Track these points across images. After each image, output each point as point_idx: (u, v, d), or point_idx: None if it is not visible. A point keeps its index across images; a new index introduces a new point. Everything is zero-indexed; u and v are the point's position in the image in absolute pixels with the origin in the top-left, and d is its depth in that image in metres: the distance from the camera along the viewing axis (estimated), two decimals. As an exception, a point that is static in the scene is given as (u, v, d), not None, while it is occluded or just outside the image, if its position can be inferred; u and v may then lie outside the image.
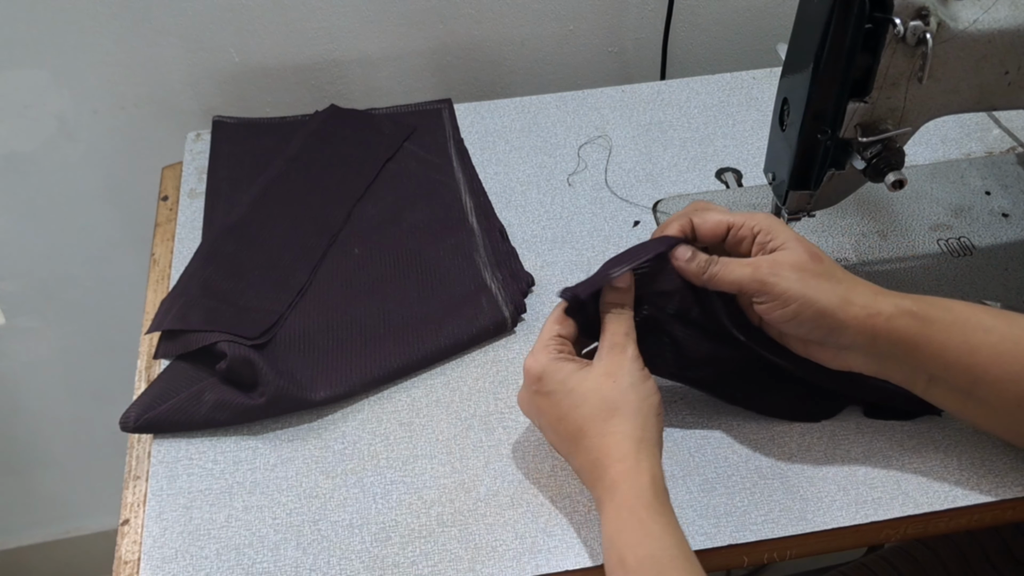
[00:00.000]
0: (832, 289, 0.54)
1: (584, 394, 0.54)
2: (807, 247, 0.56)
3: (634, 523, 0.51)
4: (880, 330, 0.54)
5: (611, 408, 0.54)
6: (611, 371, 0.55)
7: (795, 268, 0.55)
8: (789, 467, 0.62)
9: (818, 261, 0.55)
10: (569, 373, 0.55)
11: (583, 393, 0.54)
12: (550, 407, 0.56)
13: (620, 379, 0.54)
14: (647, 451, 0.53)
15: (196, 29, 0.92)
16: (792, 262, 0.55)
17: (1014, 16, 0.59)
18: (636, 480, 0.52)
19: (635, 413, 0.53)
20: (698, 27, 1.02)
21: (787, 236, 0.56)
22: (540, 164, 0.86)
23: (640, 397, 0.54)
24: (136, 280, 1.03)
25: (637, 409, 0.54)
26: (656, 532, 0.50)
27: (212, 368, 0.66)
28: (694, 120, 0.91)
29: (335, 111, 0.90)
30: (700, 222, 0.59)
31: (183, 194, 0.84)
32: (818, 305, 0.54)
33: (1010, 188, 0.82)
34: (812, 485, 0.61)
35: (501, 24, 0.97)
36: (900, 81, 0.59)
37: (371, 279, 0.75)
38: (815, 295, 0.54)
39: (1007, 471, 0.61)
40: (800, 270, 0.55)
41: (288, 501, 0.61)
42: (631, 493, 0.51)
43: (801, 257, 0.55)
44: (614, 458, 0.53)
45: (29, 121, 0.95)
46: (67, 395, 1.21)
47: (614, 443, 0.53)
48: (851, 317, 0.54)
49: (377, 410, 0.66)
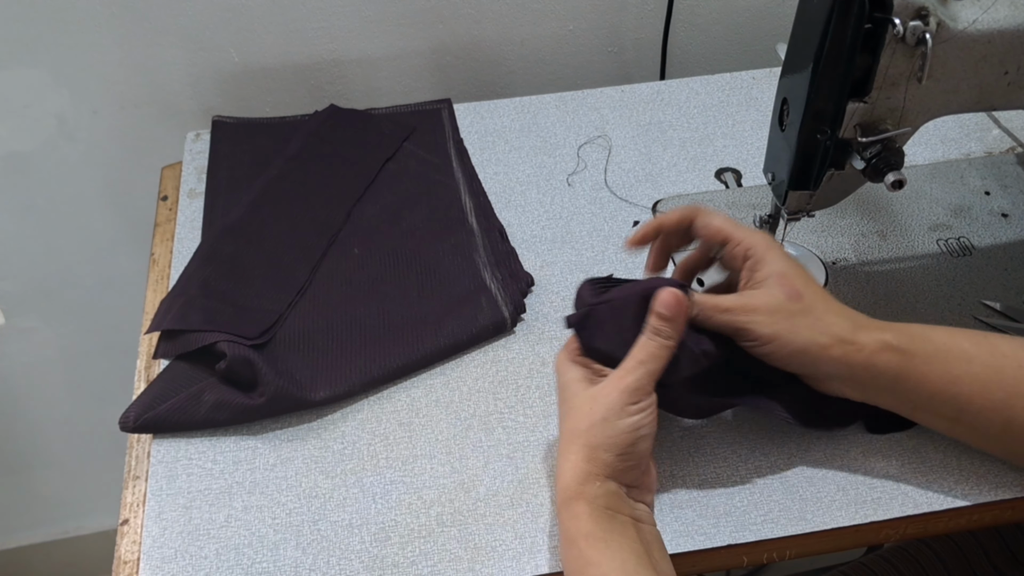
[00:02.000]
0: (809, 327, 0.55)
1: (571, 408, 0.55)
2: (788, 284, 0.56)
3: (575, 553, 0.51)
4: (859, 365, 0.55)
5: (577, 434, 0.54)
6: (597, 397, 0.54)
7: (769, 311, 0.55)
8: (789, 467, 0.62)
9: (796, 299, 0.55)
10: (571, 381, 0.56)
11: (573, 407, 0.55)
12: (558, 402, 0.58)
13: (596, 410, 0.53)
14: (591, 482, 0.52)
15: (196, 29, 0.92)
16: (766, 304, 0.55)
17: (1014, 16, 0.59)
18: (575, 510, 0.52)
19: (594, 446, 0.53)
20: (698, 27, 1.02)
21: (771, 271, 0.57)
22: (540, 164, 0.86)
23: (608, 432, 0.53)
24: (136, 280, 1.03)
25: (598, 443, 0.53)
26: (595, 559, 0.50)
27: (212, 368, 0.66)
28: (694, 120, 0.91)
29: (335, 111, 0.90)
30: (702, 225, 0.60)
31: (183, 194, 0.84)
32: (793, 347, 0.55)
33: (1010, 188, 0.82)
34: (812, 485, 0.61)
35: (501, 24, 0.97)
36: (900, 81, 0.59)
37: (371, 279, 0.75)
38: (789, 337, 0.55)
39: (1007, 471, 0.61)
40: (774, 312, 0.55)
41: (288, 501, 0.61)
42: (571, 524, 0.52)
43: (777, 298, 0.55)
44: (560, 485, 0.53)
45: (29, 121, 0.95)
46: (67, 395, 1.21)
47: (566, 468, 0.53)
48: (828, 356, 0.55)
49: (377, 410, 0.66)
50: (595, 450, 0.53)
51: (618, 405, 0.53)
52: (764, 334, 0.55)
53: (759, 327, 0.55)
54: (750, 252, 0.58)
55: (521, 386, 0.67)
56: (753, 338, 0.55)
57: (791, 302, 0.55)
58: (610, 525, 0.51)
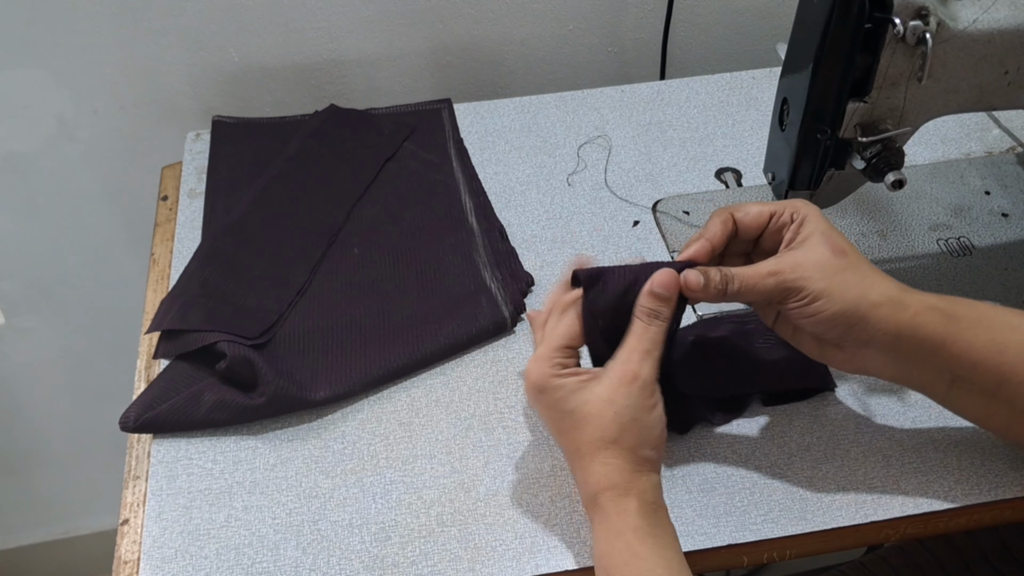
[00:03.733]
0: (856, 284, 0.53)
1: (584, 417, 0.53)
2: (832, 241, 0.54)
3: (621, 546, 0.51)
4: (905, 327, 0.53)
5: (608, 440, 0.52)
6: (614, 398, 0.52)
7: (818, 266, 0.53)
8: (789, 467, 0.62)
9: (842, 255, 0.54)
10: (570, 392, 0.53)
11: (584, 416, 0.53)
12: (550, 419, 0.55)
13: (623, 412, 0.52)
14: (639, 478, 0.53)
15: (196, 29, 0.92)
16: (814, 260, 0.54)
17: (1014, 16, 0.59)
18: (624, 505, 0.52)
19: (633, 448, 0.52)
20: (698, 27, 1.02)
21: (813, 228, 0.55)
22: (540, 164, 0.86)
23: (642, 431, 0.53)
24: (136, 280, 1.03)
25: (636, 444, 0.53)
26: (643, 553, 0.50)
27: (212, 368, 0.66)
28: (694, 120, 0.91)
29: (335, 111, 0.90)
30: (743, 215, 0.57)
31: (183, 194, 0.84)
32: (843, 303, 0.53)
33: (1010, 188, 0.82)
34: (812, 485, 0.61)
35: (500, 24, 0.97)
36: (900, 81, 0.59)
37: (371, 279, 0.75)
38: (840, 292, 0.53)
39: (1007, 471, 0.61)
40: (823, 267, 0.53)
41: (288, 501, 0.61)
42: (619, 519, 0.52)
43: (823, 254, 0.54)
44: (603, 486, 0.52)
45: (29, 121, 0.95)
46: (67, 395, 1.21)
47: (605, 473, 0.52)
48: (875, 314, 0.53)
49: (377, 410, 0.66)
50: (635, 451, 0.52)
51: (642, 402, 0.53)
52: (815, 289, 0.53)
53: (810, 283, 0.53)
54: (795, 214, 0.56)
55: (521, 386, 0.67)
56: (803, 295, 0.53)
57: (838, 257, 0.54)
58: (655, 519, 0.52)
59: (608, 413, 0.52)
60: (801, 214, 0.56)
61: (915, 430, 0.63)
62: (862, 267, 0.54)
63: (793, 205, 0.57)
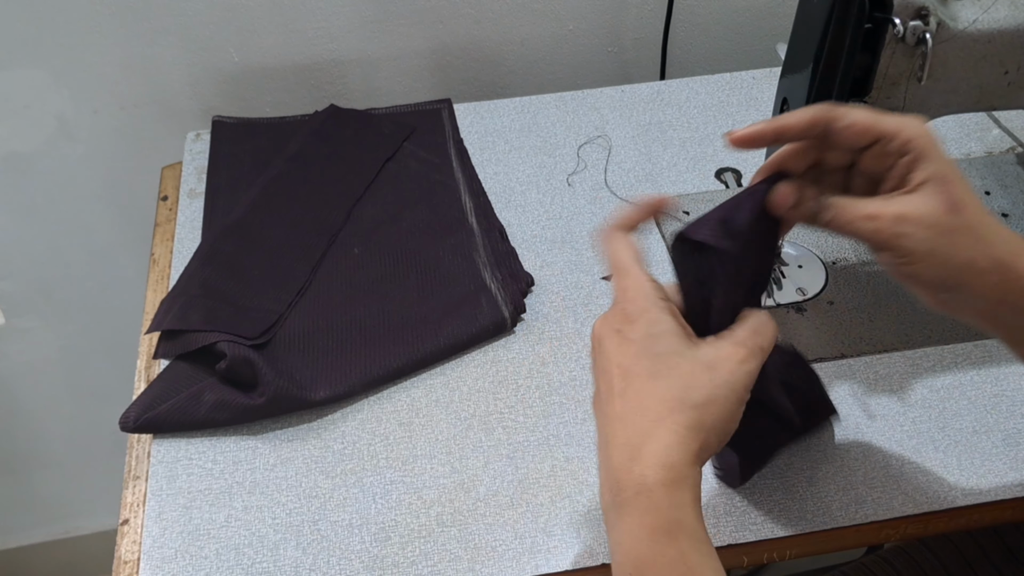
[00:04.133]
0: (967, 248, 0.46)
1: (674, 368, 0.44)
2: (949, 193, 0.46)
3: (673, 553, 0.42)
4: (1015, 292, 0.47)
5: (689, 404, 0.44)
6: (716, 367, 0.45)
7: (927, 223, 0.46)
8: (789, 467, 0.62)
9: (956, 212, 0.46)
10: (670, 332, 0.45)
11: (673, 367, 0.44)
12: (624, 356, 0.45)
13: (720, 386, 0.44)
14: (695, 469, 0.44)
15: (196, 29, 0.92)
16: (923, 215, 0.46)
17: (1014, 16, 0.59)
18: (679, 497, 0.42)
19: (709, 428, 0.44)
20: (698, 27, 1.02)
21: (931, 172, 0.46)
22: (540, 164, 0.86)
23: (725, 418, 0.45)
24: (136, 280, 1.03)
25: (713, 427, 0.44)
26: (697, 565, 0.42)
27: (212, 368, 0.66)
28: (694, 120, 0.91)
29: (335, 111, 0.90)
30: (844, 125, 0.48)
31: (183, 194, 0.84)
32: (948, 268, 0.47)
33: (1010, 188, 0.82)
34: (812, 485, 0.61)
35: (500, 24, 0.97)
36: (900, 81, 0.59)
37: (371, 279, 0.75)
38: (946, 256, 0.46)
39: (1007, 471, 0.61)
40: (932, 225, 0.46)
41: (288, 501, 0.61)
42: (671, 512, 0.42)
43: (935, 209, 0.46)
44: (661, 461, 0.43)
45: (29, 121, 0.95)
46: (67, 395, 1.21)
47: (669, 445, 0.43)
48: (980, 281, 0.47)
49: (377, 410, 0.66)
50: (708, 432, 0.44)
51: (742, 387, 0.45)
52: (918, 250, 0.46)
53: (912, 242, 0.46)
54: (908, 146, 0.47)
55: (521, 386, 0.67)
56: (904, 253, 0.46)
57: (951, 214, 0.46)
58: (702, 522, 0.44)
59: (703, 378, 0.44)
60: (917, 147, 0.47)
61: (915, 430, 0.63)
62: (978, 227, 0.47)
63: (908, 130, 0.47)
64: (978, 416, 0.64)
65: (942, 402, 0.65)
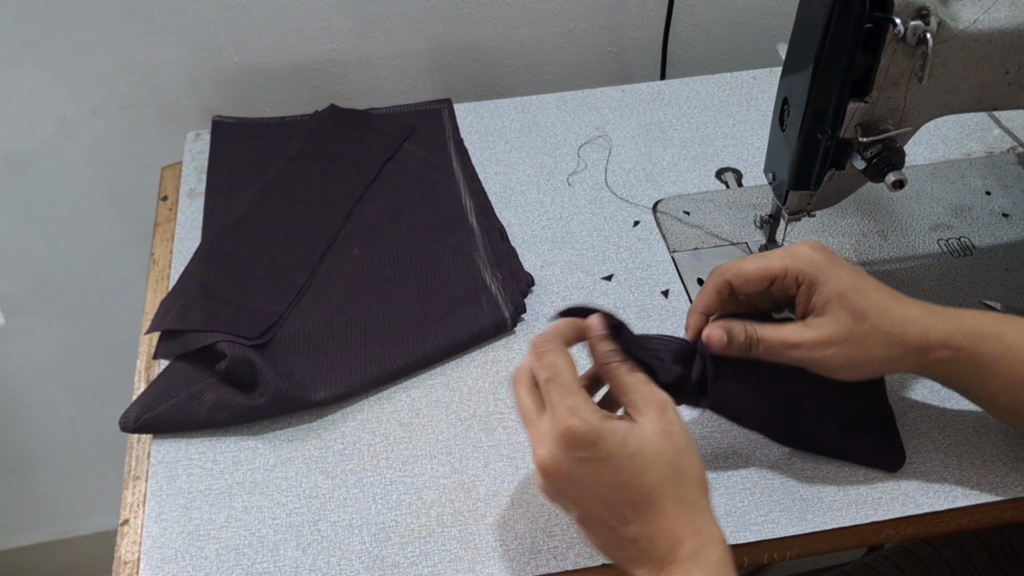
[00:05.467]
0: (882, 344, 0.53)
1: (649, 457, 0.48)
2: (850, 304, 0.53)
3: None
4: (929, 368, 0.55)
5: (680, 473, 0.49)
6: (667, 429, 0.49)
7: (837, 343, 0.53)
8: (789, 467, 0.62)
9: (862, 319, 0.53)
10: (626, 434, 0.48)
11: (647, 456, 0.48)
12: (607, 473, 0.48)
13: (678, 439, 0.49)
14: (714, 522, 0.49)
15: (196, 29, 0.92)
16: (833, 336, 0.53)
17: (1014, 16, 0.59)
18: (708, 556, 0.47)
19: (699, 477, 0.49)
20: (698, 27, 1.02)
21: (827, 293, 0.54)
22: (540, 164, 0.86)
23: (696, 459, 0.50)
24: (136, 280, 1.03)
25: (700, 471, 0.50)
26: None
27: (212, 368, 0.66)
28: (694, 120, 0.91)
29: (335, 111, 0.90)
30: (740, 282, 0.56)
31: (183, 194, 0.84)
32: (869, 368, 0.55)
33: (1010, 188, 0.82)
34: (812, 485, 0.61)
35: (501, 24, 0.97)
36: (900, 81, 0.59)
37: (371, 279, 0.75)
38: (865, 361, 0.54)
39: (1007, 471, 0.61)
40: (844, 342, 0.53)
41: (288, 501, 0.61)
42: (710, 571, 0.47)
43: (843, 325, 0.53)
44: (686, 532, 0.48)
45: (29, 121, 0.95)
46: (67, 395, 1.21)
47: (685, 516, 0.48)
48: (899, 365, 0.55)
49: (377, 410, 0.66)
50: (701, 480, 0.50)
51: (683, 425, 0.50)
52: (840, 364, 0.54)
53: (833, 359, 0.54)
54: (801, 278, 0.55)
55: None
56: (829, 370, 0.54)
57: (858, 324, 0.53)
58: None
59: (668, 445, 0.49)
60: (808, 276, 0.54)
61: (915, 430, 0.63)
62: (883, 322, 0.53)
63: (795, 265, 0.54)
64: (978, 416, 0.64)
65: (942, 402, 0.65)
